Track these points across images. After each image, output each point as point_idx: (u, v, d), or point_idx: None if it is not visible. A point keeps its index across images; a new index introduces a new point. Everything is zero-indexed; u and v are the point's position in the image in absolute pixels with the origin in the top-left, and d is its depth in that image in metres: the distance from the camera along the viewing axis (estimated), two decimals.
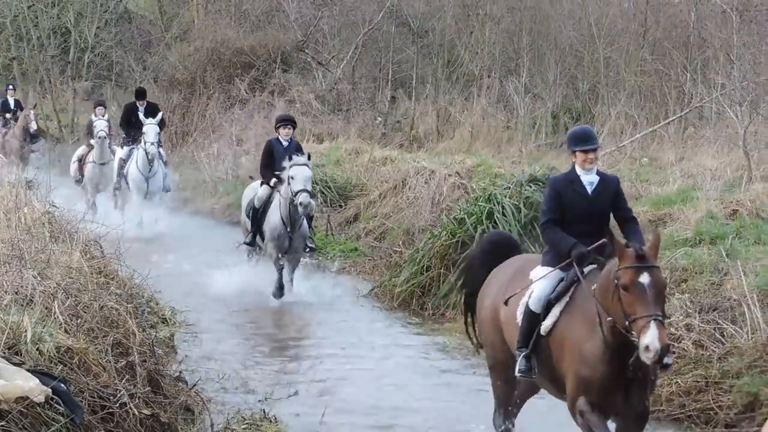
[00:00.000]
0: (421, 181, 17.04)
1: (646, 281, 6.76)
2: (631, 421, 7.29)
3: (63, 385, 6.68)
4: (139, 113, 18.46)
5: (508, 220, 13.29)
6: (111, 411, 7.05)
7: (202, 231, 18.46)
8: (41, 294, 7.88)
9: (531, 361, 7.63)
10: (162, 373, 8.71)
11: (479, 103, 23.58)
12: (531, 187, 13.89)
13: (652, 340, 6.56)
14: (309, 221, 14.14)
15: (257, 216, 14.01)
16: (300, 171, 13.43)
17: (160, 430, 7.52)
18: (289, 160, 13.50)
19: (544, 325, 7.51)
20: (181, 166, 22.48)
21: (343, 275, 15.16)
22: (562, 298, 7.50)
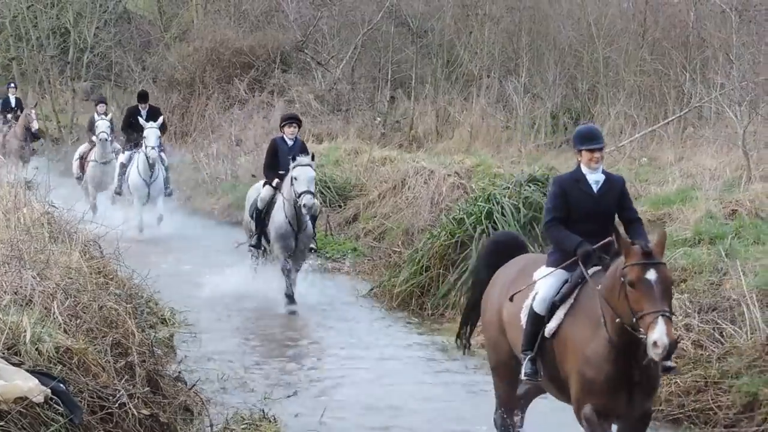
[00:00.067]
0: (420, 181, 17.04)
1: (652, 278, 6.71)
2: (634, 422, 7.25)
3: (62, 385, 6.67)
4: (140, 117, 18.31)
5: (507, 220, 13.28)
6: (110, 411, 7.05)
7: (202, 231, 18.46)
8: (40, 294, 7.87)
9: (536, 364, 7.57)
10: (161, 374, 8.70)
11: (478, 103, 23.59)
12: (530, 187, 13.89)
13: (660, 335, 6.51)
14: (313, 221, 13.97)
15: (261, 217, 13.81)
16: (303, 172, 13.19)
17: (159, 431, 7.52)
18: (293, 161, 13.28)
19: (549, 327, 7.45)
20: (181, 166, 22.46)
21: (342, 275, 15.15)
22: (566, 300, 7.44)
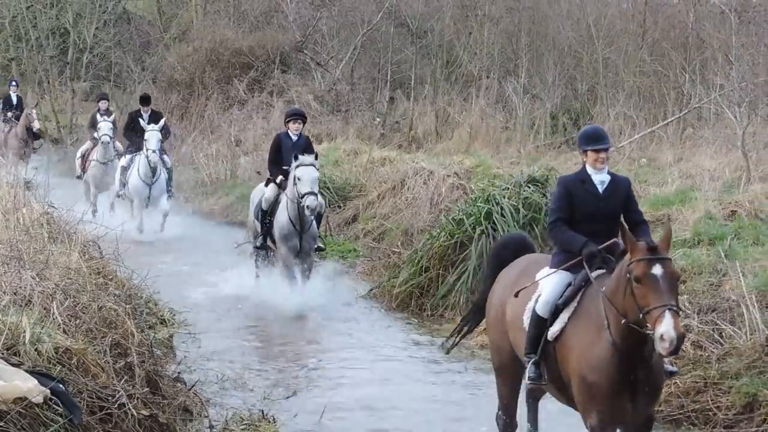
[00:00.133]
0: (419, 181, 17.03)
1: (658, 272, 6.66)
2: (638, 427, 7.19)
3: (61, 385, 6.67)
4: (141, 120, 18.23)
5: (506, 220, 13.29)
6: (109, 412, 7.04)
7: (201, 231, 18.45)
8: (40, 294, 7.86)
9: (540, 368, 7.52)
10: (160, 374, 8.71)
11: (478, 104, 23.59)
12: (530, 187, 13.89)
13: (667, 329, 6.45)
14: (318, 220, 13.87)
15: (266, 218, 13.69)
16: (306, 172, 13.07)
17: (158, 431, 7.52)
18: (295, 160, 13.13)
19: (552, 331, 7.39)
20: (180, 167, 22.45)
21: (341, 276, 15.14)
22: (569, 304, 7.39)
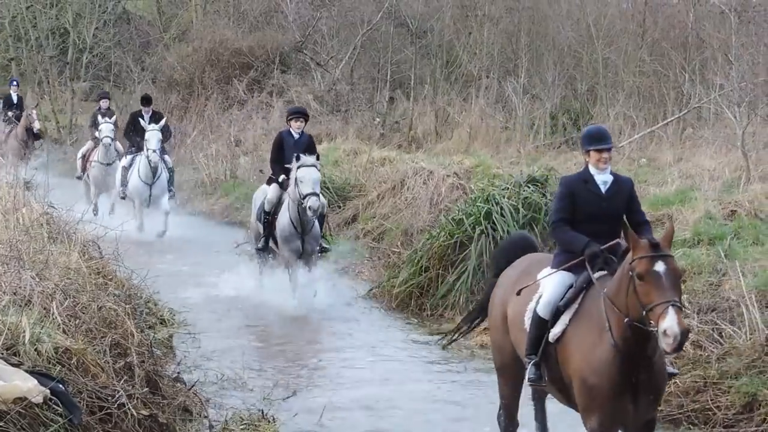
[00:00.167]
0: (419, 181, 17.02)
1: (661, 269, 6.65)
2: (639, 429, 7.14)
3: (61, 385, 6.67)
4: (140, 120, 18.16)
5: (506, 220, 13.30)
6: (109, 412, 7.05)
7: (201, 232, 18.44)
8: (39, 295, 7.86)
9: (541, 369, 7.50)
10: (160, 374, 8.71)
11: (478, 104, 23.58)
12: (529, 187, 13.90)
13: (670, 324, 6.42)
14: (321, 221, 13.77)
15: (269, 219, 13.60)
16: (308, 173, 12.97)
17: (158, 431, 7.52)
18: (297, 160, 13.03)
19: (553, 332, 7.36)
20: (180, 167, 22.44)
21: (341, 276, 15.14)
22: (571, 305, 7.36)
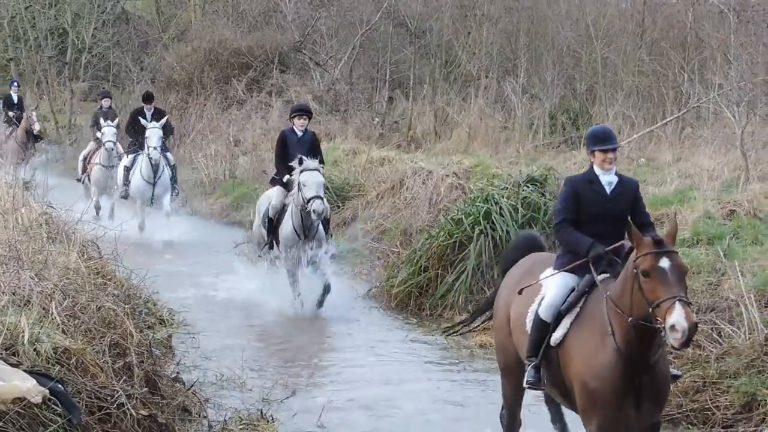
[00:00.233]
0: (418, 181, 17.02)
1: (666, 265, 6.60)
2: None
3: (60, 385, 6.67)
4: (141, 118, 18.03)
5: (505, 220, 13.30)
6: (108, 412, 7.04)
7: (200, 232, 18.43)
8: (38, 295, 7.86)
9: (540, 372, 7.44)
10: (159, 374, 8.70)
11: (477, 104, 23.59)
12: (528, 187, 13.91)
13: (678, 318, 6.36)
14: (326, 225, 13.59)
15: (272, 225, 13.43)
16: (311, 177, 12.87)
17: (157, 431, 7.52)
18: (300, 164, 12.89)
19: (555, 336, 7.30)
20: (179, 167, 22.42)
21: (340, 276, 15.14)
22: (572, 309, 7.31)
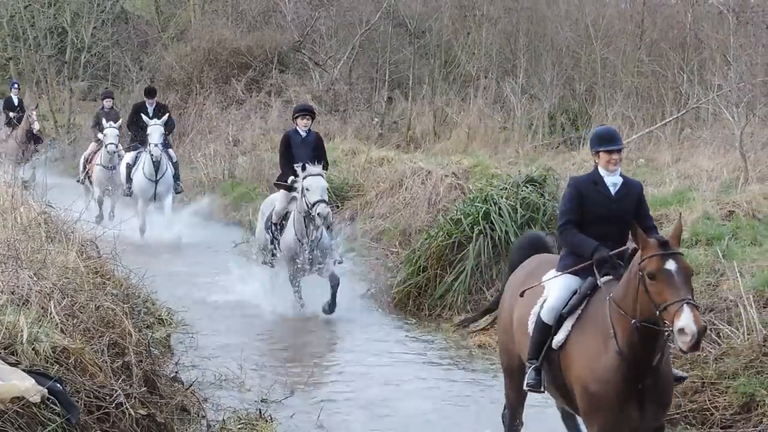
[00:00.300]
0: (417, 181, 17.02)
1: (672, 267, 6.57)
2: None
3: (59, 385, 6.66)
4: (143, 115, 17.96)
5: (504, 220, 13.30)
6: (107, 411, 7.04)
7: (199, 231, 18.42)
8: (37, 294, 7.86)
9: (540, 375, 7.39)
10: (158, 374, 8.70)
11: (476, 104, 23.60)
12: (527, 187, 13.91)
13: (687, 322, 6.31)
14: (329, 232, 13.39)
15: (275, 231, 13.32)
16: (315, 182, 12.74)
17: (156, 431, 7.51)
18: (303, 170, 12.76)
19: (556, 339, 7.26)
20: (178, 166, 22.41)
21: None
22: (574, 311, 7.26)
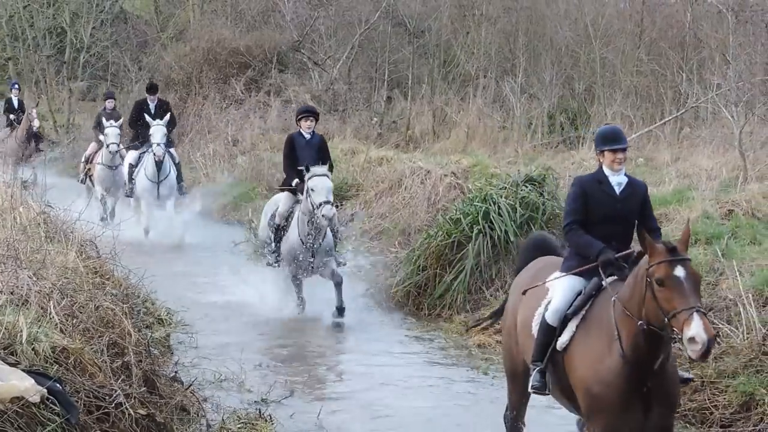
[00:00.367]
0: (417, 181, 17.02)
1: (681, 274, 6.48)
2: None
3: (58, 385, 6.66)
4: (146, 115, 17.86)
5: (504, 220, 13.31)
6: (106, 411, 7.03)
7: (198, 231, 18.41)
8: (37, 294, 7.85)
9: (545, 377, 7.33)
10: (158, 374, 8.70)
11: (475, 104, 23.59)
12: (527, 187, 13.91)
13: (698, 330, 6.24)
14: (334, 234, 13.27)
15: (278, 233, 13.19)
16: (320, 182, 12.55)
17: (155, 430, 7.51)
18: (307, 171, 12.59)
19: (561, 340, 7.20)
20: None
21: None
22: (579, 312, 7.22)
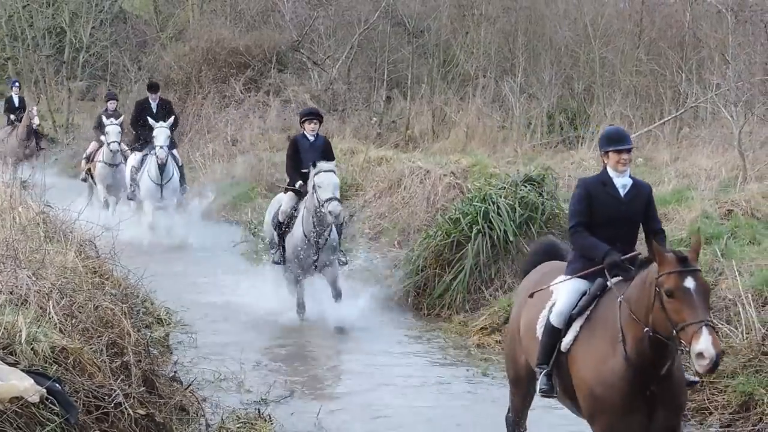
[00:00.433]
0: (416, 181, 17.01)
1: (691, 286, 6.38)
2: None
3: (58, 385, 6.66)
4: (149, 117, 17.77)
5: (503, 219, 13.31)
6: (106, 411, 7.03)
7: (198, 231, 18.41)
8: (36, 294, 7.85)
9: (552, 380, 7.29)
10: (157, 373, 8.70)
11: (474, 103, 23.59)
12: (526, 187, 13.91)
13: (706, 346, 6.15)
14: (339, 231, 13.15)
15: (282, 230, 13.05)
16: (327, 178, 12.38)
17: (155, 430, 7.51)
18: (313, 167, 12.47)
19: (565, 341, 7.16)
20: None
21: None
22: (583, 312, 7.17)
